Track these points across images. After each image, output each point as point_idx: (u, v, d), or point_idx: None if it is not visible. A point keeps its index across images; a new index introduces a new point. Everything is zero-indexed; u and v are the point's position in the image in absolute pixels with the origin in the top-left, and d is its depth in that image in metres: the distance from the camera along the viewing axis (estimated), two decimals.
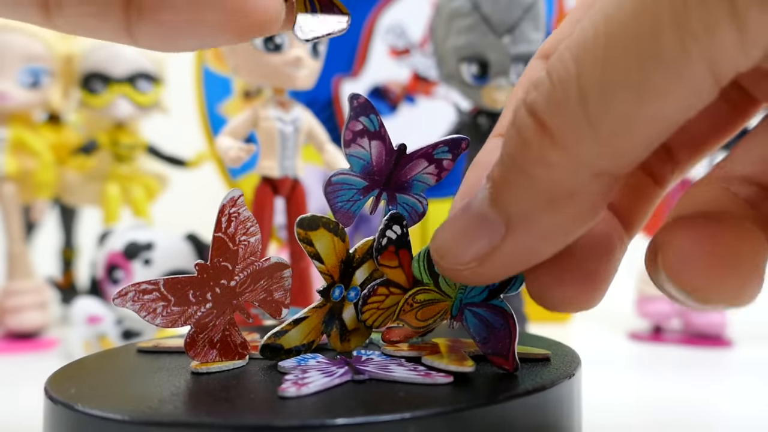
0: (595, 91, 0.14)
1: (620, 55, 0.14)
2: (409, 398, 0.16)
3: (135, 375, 0.20)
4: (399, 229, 0.21)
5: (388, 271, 0.21)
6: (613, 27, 0.14)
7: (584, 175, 0.15)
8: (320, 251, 0.21)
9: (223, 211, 0.20)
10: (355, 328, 0.22)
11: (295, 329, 0.21)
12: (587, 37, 0.14)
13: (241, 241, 0.20)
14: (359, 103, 0.20)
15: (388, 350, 0.21)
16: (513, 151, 0.16)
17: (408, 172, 0.22)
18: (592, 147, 0.15)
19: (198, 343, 0.20)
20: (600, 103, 0.14)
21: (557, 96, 0.15)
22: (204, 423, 0.15)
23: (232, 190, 0.20)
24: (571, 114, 0.14)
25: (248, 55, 0.33)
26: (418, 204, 0.22)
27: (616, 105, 0.14)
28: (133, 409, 0.16)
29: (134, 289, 0.19)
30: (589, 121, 0.14)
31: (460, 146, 0.22)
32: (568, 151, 0.15)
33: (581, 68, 0.14)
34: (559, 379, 0.18)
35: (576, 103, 0.14)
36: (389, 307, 0.22)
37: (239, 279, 0.20)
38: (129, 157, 0.54)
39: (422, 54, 0.56)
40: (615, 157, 0.15)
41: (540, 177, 0.15)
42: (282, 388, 0.17)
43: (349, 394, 0.17)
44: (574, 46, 0.14)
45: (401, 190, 0.22)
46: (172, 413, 0.16)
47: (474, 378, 0.18)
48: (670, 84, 0.13)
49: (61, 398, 0.17)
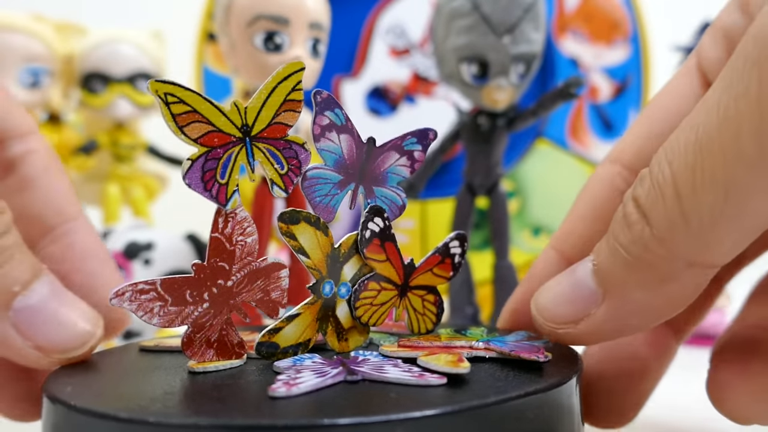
0: (687, 190, 0.16)
1: (708, 158, 0.16)
2: (399, 399, 0.16)
3: (132, 373, 0.20)
4: (381, 221, 0.22)
5: (377, 265, 0.22)
6: (701, 135, 0.16)
7: (678, 265, 0.17)
8: (304, 245, 0.21)
9: (220, 212, 0.20)
10: (351, 326, 0.22)
11: (290, 327, 0.21)
12: (679, 143, 0.17)
13: (237, 242, 0.20)
14: (322, 98, 0.21)
15: (385, 351, 0.21)
16: (619, 234, 0.18)
17: (381, 164, 0.22)
18: (685, 239, 0.17)
19: (195, 342, 0.20)
20: (692, 201, 0.16)
21: (656, 193, 0.17)
22: (187, 424, 0.15)
23: (235, 190, 0.20)
24: (668, 210, 0.17)
25: (248, 55, 0.33)
26: (396, 197, 0.22)
27: (706, 201, 0.16)
28: (121, 407, 0.16)
29: (131, 288, 0.19)
30: (683, 216, 0.17)
31: (428, 137, 0.22)
32: (665, 242, 0.17)
33: (675, 170, 0.17)
34: (556, 383, 0.18)
35: (671, 200, 0.17)
36: (383, 303, 0.22)
37: (236, 279, 0.20)
38: (129, 157, 0.54)
39: (422, 54, 0.56)
40: (706, 250, 0.17)
41: (640, 260, 0.18)
42: (272, 388, 0.17)
43: (340, 395, 0.17)
44: (669, 150, 0.17)
45: (377, 183, 0.22)
46: (160, 411, 0.16)
47: (469, 380, 0.18)
48: (751, 180, 0.16)
49: (58, 395, 0.17)
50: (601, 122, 0.57)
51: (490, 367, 0.19)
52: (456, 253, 0.23)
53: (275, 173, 0.20)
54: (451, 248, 0.23)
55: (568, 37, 0.56)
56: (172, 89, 0.18)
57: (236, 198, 0.20)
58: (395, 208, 0.22)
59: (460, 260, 0.24)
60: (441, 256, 0.23)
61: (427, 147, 0.23)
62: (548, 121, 0.56)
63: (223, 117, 0.19)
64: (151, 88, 0.18)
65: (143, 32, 0.53)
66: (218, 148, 0.19)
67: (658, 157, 0.17)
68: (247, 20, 0.32)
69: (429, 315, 0.24)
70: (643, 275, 0.18)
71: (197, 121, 0.19)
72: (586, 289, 0.19)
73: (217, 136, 0.19)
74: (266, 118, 0.20)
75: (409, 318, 0.23)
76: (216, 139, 0.19)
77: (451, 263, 0.23)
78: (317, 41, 0.33)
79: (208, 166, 0.19)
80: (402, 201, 0.22)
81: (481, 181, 0.38)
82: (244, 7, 0.32)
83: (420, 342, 0.21)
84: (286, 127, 0.20)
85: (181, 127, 0.19)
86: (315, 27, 0.33)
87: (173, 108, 0.19)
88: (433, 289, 0.24)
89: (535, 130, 0.55)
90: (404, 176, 0.22)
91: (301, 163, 0.21)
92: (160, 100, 0.18)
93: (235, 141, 0.20)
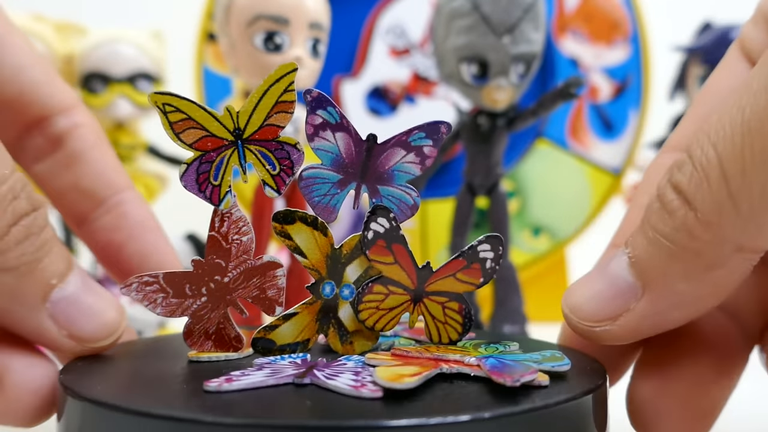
0: (735, 171, 0.16)
1: (758, 138, 0.16)
2: (315, 406, 0.16)
3: (135, 361, 0.21)
4: (386, 222, 0.20)
5: (383, 267, 0.21)
6: (749, 116, 0.16)
7: (727, 250, 0.17)
8: (301, 245, 0.21)
9: (217, 212, 0.21)
10: (357, 329, 0.22)
11: (287, 325, 0.21)
12: (724, 125, 0.16)
13: (233, 240, 0.21)
14: (313, 97, 0.20)
15: (369, 358, 0.20)
16: (658, 223, 0.18)
17: (385, 162, 0.21)
18: (735, 222, 0.16)
19: (194, 333, 0.22)
20: (741, 182, 0.16)
21: (699, 176, 0.17)
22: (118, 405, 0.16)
23: (228, 191, 0.21)
24: (715, 192, 0.16)
25: (248, 55, 0.33)
26: (405, 196, 0.21)
27: (757, 182, 0.16)
28: (90, 387, 0.17)
29: (137, 280, 0.21)
30: (732, 199, 0.16)
31: (440, 130, 0.21)
32: (712, 226, 0.16)
33: (721, 152, 0.16)
34: (496, 415, 0.15)
35: (718, 183, 0.16)
36: (392, 307, 0.21)
37: (232, 276, 0.21)
38: (129, 157, 0.54)
39: (422, 54, 0.56)
40: (757, 233, 0.16)
41: (684, 248, 0.17)
42: (206, 383, 0.17)
43: (273, 396, 0.17)
44: (712, 133, 0.17)
45: (382, 181, 0.21)
46: (107, 393, 0.17)
47: (410, 397, 0.17)
48: None
49: (68, 384, 0.18)
50: (601, 122, 0.57)
51: (468, 386, 0.18)
52: (487, 258, 0.21)
53: (267, 174, 0.21)
54: (481, 252, 0.21)
55: (568, 37, 0.56)
56: (169, 99, 0.20)
57: (229, 198, 0.21)
58: (405, 207, 0.21)
59: (494, 266, 0.21)
60: (467, 260, 0.21)
61: (439, 141, 0.21)
62: (548, 121, 0.56)
63: (216, 122, 0.20)
64: (150, 100, 0.20)
65: (143, 32, 0.53)
66: (211, 151, 0.20)
67: (700, 142, 0.17)
68: (247, 20, 0.32)
69: (453, 324, 0.22)
70: (688, 264, 0.17)
71: (192, 128, 0.20)
72: (624, 284, 0.18)
73: (210, 140, 0.20)
74: (258, 121, 0.20)
75: (427, 326, 0.22)
76: (209, 144, 0.20)
77: (480, 269, 0.21)
78: (317, 41, 0.33)
79: (202, 169, 0.21)
80: (414, 200, 0.21)
81: (481, 181, 0.38)
82: (244, 7, 0.32)
83: (410, 353, 0.20)
84: (278, 128, 0.21)
85: (177, 134, 0.20)
86: (315, 27, 0.33)
87: (170, 116, 0.20)
88: (457, 297, 0.21)
89: (535, 130, 0.55)
90: (414, 174, 0.21)
91: (293, 164, 0.21)
92: (159, 109, 0.20)
93: (227, 144, 0.20)
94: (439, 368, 0.19)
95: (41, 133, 0.25)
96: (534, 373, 0.18)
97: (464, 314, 0.21)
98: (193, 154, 0.20)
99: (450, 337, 0.22)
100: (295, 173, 0.21)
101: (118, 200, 0.25)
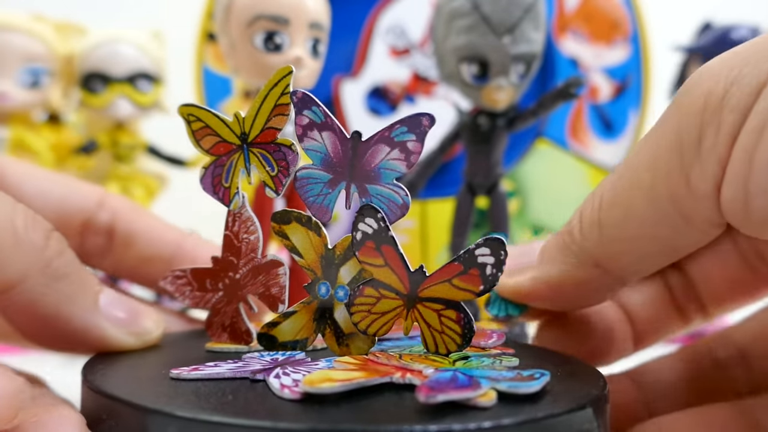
0: (605, 204, 0.21)
1: (618, 181, 0.21)
2: (235, 401, 0.17)
3: (157, 351, 0.23)
4: (374, 222, 0.20)
5: (374, 270, 0.20)
6: (623, 169, 0.21)
7: (589, 261, 0.22)
8: (297, 245, 0.21)
9: (230, 212, 0.23)
10: (353, 332, 0.21)
11: (287, 323, 0.22)
12: (616, 169, 0.21)
13: (243, 239, 0.22)
14: (299, 98, 0.21)
15: (336, 361, 0.19)
16: (567, 226, 0.23)
17: (370, 160, 0.20)
18: (598, 242, 0.21)
19: (213, 325, 0.24)
20: (605, 213, 0.21)
21: (589, 200, 0.22)
22: (99, 390, 0.18)
23: (236, 193, 0.22)
24: (592, 215, 0.21)
25: (248, 55, 0.33)
26: (395, 195, 0.20)
27: (614, 216, 0.21)
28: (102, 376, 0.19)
29: (171, 274, 0.24)
30: (599, 223, 0.21)
31: (421, 123, 0.20)
32: (584, 244, 0.22)
33: (603, 187, 0.21)
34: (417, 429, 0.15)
35: (596, 210, 0.21)
36: (385, 312, 0.20)
37: (242, 273, 0.23)
38: (129, 157, 0.54)
39: (422, 54, 0.56)
40: (611, 258, 0.21)
41: (567, 246, 0.22)
42: (173, 370, 0.19)
43: (223, 389, 0.18)
44: (612, 174, 0.22)
45: (369, 180, 0.20)
46: (101, 380, 0.18)
47: (332, 402, 0.16)
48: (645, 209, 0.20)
49: (89, 377, 0.19)
50: (601, 122, 0.57)
51: (411, 398, 0.17)
52: (487, 263, 0.19)
53: (267, 175, 0.22)
54: (480, 256, 0.19)
55: (568, 37, 0.56)
56: (192, 110, 0.22)
57: (237, 199, 0.22)
58: (395, 207, 0.20)
59: (495, 272, 0.19)
60: (463, 265, 0.19)
61: (422, 136, 0.20)
62: (548, 121, 0.56)
63: (226, 128, 0.22)
64: (179, 112, 0.22)
65: (143, 32, 0.53)
66: (223, 156, 0.22)
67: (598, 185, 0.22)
68: (247, 20, 0.32)
69: (450, 334, 0.20)
70: (565, 257, 0.22)
71: (209, 135, 0.22)
72: (532, 252, 0.24)
73: (222, 145, 0.22)
74: (260, 125, 0.21)
75: (422, 334, 0.21)
76: (222, 148, 0.22)
77: (480, 275, 0.19)
78: (317, 41, 0.33)
79: (216, 173, 0.22)
80: (403, 199, 0.20)
81: (481, 181, 0.38)
82: (244, 7, 0.32)
83: (379, 358, 0.20)
84: (276, 131, 0.21)
85: (198, 141, 0.22)
86: (315, 27, 0.33)
87: (193, 125, 0.22)
88: (454, 304, 0.20)
89: (535, 130, 0.55)
90: (400, 171, 0.20)
91: (289, 164, 0.21)
92: (184, 120, 0.22)
93: (236, 148, 0.22)
94: (389, 377, 0.18)
95: (95, 233, 0.27)
96: (464, 392, 0.16)
97: (463, 324, 0.20)
98: (209, 159, 0.22)
99: (448, 348, 0.20)
100: (291, 174, 0.21)
101: (181, 253, 0.28)
